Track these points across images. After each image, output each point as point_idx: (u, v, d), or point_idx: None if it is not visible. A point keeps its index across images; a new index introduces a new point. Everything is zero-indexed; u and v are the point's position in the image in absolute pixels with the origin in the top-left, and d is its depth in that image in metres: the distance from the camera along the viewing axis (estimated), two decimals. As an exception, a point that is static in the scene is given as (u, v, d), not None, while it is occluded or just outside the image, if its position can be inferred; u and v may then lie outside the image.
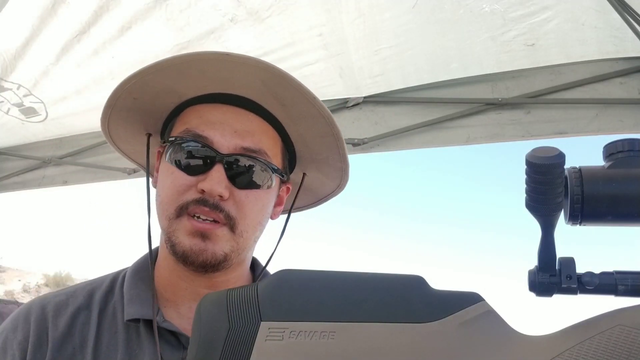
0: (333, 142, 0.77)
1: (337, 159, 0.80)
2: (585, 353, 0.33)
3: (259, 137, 0.73)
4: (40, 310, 0.74)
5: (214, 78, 0.72)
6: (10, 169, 2.69)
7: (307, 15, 1.73)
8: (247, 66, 0.70)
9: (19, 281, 17.77)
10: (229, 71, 0.70)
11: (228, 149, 0.70)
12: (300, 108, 0.73)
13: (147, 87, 0.74)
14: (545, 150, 0.37)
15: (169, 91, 0.75)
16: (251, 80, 0.71)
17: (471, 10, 1.64)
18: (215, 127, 0.71)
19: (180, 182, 0.70)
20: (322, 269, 0.38)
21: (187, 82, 0.73)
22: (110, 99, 0.75)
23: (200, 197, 0.69)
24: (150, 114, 0.79)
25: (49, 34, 1.89)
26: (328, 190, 0.88)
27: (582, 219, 0.39)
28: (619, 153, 0.39)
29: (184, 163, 0.71)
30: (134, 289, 0.76)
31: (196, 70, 0.71)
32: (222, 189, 0.68)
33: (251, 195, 0.72)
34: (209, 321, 0.36)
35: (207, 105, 0.74)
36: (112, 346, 0.71)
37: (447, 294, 0.37)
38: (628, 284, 0.38)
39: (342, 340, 0.34)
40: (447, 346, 0.35)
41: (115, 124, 0.80)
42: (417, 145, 2.01)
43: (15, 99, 2.26)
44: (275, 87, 0.71)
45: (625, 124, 1.72)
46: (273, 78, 0.70)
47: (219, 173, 0.69)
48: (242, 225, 0.71)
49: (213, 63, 0.70)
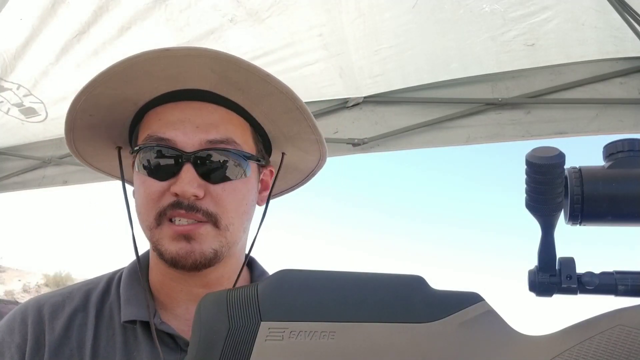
0: (299, 115, 0.74)
1: (309, 132, 0.77)
2: (586, 353, 0.33)
3: (224, 127, 0.71)
4: (37, 313, 0.74)
5: (163, 77, 0.69)
6: (10, 169, 2.69)
7: (307, 15, 1.73)
8: (192, 57, 0.68)
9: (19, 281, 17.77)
10: (176, 67, 0.68)
11: (193, 146, 0.68)
12: (257, 88, 0.70)
13: (99, 101, 0.72)
14: (545, 150, 0.37)
15: (122, 100, 0.72)
16: (200, 71, 0.68)
17: (471, 10, 1.64)
18: (176, 126, 0.69)
19: (152, 189, 0.69)
20: (322, 269, 0.38)
21: (137, 87, 0.70)
22: (67, 121, 0.73)
23: (176, 201, 0.67)
24: (113, 127, 0.77)
25: (48, 34, 1.89)
26: (311, 165, 0.86)
27: (582, 219, 0.39)
28: (619, 153, 0.39)
29: (152, 169, 0.69)
30: (130, 290, 0.75)
31: (142, 73, 0.68)
32: (194, 188, 0.67)
33: (228, 187, 0.70)
34: (209, 321, 0.36)
35: (164, 106, 0.72)
36: (110, 348, 0.71)
37: (447, 294, 0.37)
38: (628, 284, 0.38)
39: (342, 340, 0.34)
40: (447, 346, 0.35)
41: (82, 144, 0.79)
42: (417, 145, 2.01)
43: (15, 99, 2.26)
44: (225, 72, 0.68)
45: (625, 124, 1.72)
46: (221, 64, 0.68)
47: (188, 173, 0.67)
48: (225, 219, 0.70)
49: (156, 62, 0.68)
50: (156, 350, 0.70)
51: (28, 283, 17.63)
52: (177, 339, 0.71)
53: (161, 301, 0.76)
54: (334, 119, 2.12)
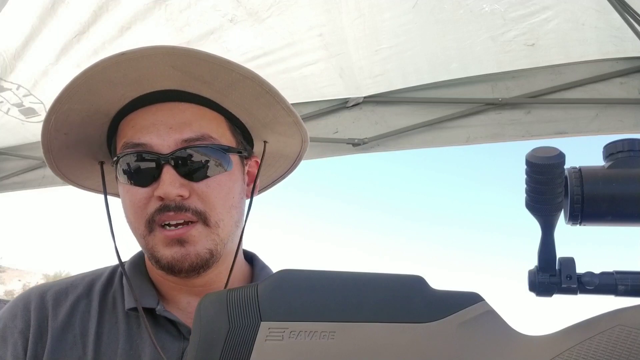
0: (270, 99, 0.72)
1: (284, 114, 0.75)
2: (586, 353, 0.33)
3: (198, 124, 0.70)
4: (40, 299, 0.74)
5: (126, 83, 0.68)
6: (10, 169, 2.69)
7: (307, 15, 1.73)
8: (149, 58, 0.66)
9: (19, 281, 17.78)
10: (135, 70, 0.67)
11: (169, 147, 0.68)
12: (222, 78, 0.69)
13: (69, 118, 0.71)
14: (545, 150, 0.37)
15: (93, 113, 0.71)
16: (162, 70, 0.67)
17: (471, 10, 1.64)
18: (149, 130, 0.68)
19: (137, 197, 0.69)
20: (322, 269, 0.38)
21: (103, 98, 0.69)
22: (43, 143, 0.73)
23: (162, 205, 0.67)
24: (90, 142, 0.76)
25: (48, 34, 1.89)
26: (296, 148, 0.84)
27: (582, 219, 0.39)
28: (619, 153, 0.39)
29: (133, 176, 0.69)
30: (133, 280, 0.75)
31: (104, 82, 0.68)
32: (177, 189, 0.66)
33: (212, 183, 0.69)
34: (209, 321, 0.36)
35: (136, 112, 0.71)
36: (113, 336, 0.71)
37: (447, 294, 0.37)
38: (628, 284, 0.38)
39: (342, 340, 0.34)
40: (447, 346, 0.35)
41: (64, 164, 0.78)
42: (417, 145, 2.01)
43: (15, 99, 2.26)
44: (187, 67, 0.67)
45: (625, 123, 1.72)
46: (180, 59, 0.66)
47: (168, 174, 0.66)
48: (214, 215, 0.69)
49: (115, 68, 0.67)
50: (158, 337, 0.70)
51: (28, 283, 17.63)
52: (179, 326, 0.72)
53: (163, 294, 0.76)
54: (334, 119, 2.12)
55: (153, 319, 0.72)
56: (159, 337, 0.70)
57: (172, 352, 0.70)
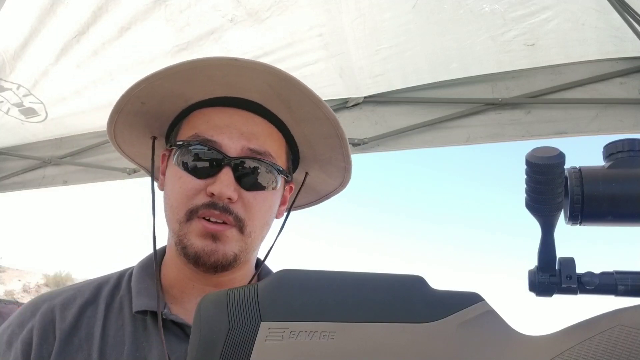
0: (337, 142, 0.78)
1: (341, 159, 0.81)
2: (586, 353, 0.33)
3: (264, 140, 0.74)
4: (48, 305, 0.76)
5: (222, 82, 0.72)
6: (10, 169, 2.69)
7: (307, 15, 1.73)
8: (254, 70, 0.71)
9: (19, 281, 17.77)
10: (236, 75, 0.71)
11: (235, 151, 0.71)
12: (306, 110, 0.74)
13: (155, 92, 0.74)
14: (545, 150, 0.36)
15: (176, 95, 0.75)
16: (258, 84, 0.72)
17: (471, 10, 1.64)
18: (222, 130, 0.72)
19: (189, 185, 0.71)
20: (322, 269, 0.38)
21: (195, 87, 0.73)
22: (119, 103, 0.76)
23: (210, 201, 0.70)
24: (156, 118, 0.79)
25: (48, 34, 1.89)
26: (330, 189, 0.89)
27: (582, 219, 0.39)
28: (619, 153, 0.39)
29: (192, 166, 0.72)
30: (141, 283, 0.77)
31: (204, 75, 0.72)
32: (230, 191, 0.69)
33: (259, 196, 0.73)
34: (209, 321, 0.36)
35: (213, 109, 0.75)
36: (119, 339, 0.72)
37: (447, 294, 0.37)
38: (628, 284, 0.38)
39: (342, 340, 0.34)
40: (447, 346, 0.35)
41: (121, 127, 0.81)
42: (417, 145, 2.01)
43: (15, 99, 2.26)
44: (281, 90, 0.72)
45: (625, 124, 1.72)
46: (280, 82, 0.71)
47: (227, 176, 0.70)
48: (250, 226, 0.72)
49: (221, 68, 0.71)
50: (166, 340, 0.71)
51: (28, 283, 17.64)
52: (186, 328, 0.73)
53: (172, 295, 0.78)
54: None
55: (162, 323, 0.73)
56: (166, 339, 0.72)
57: (179, 354, 0.71)
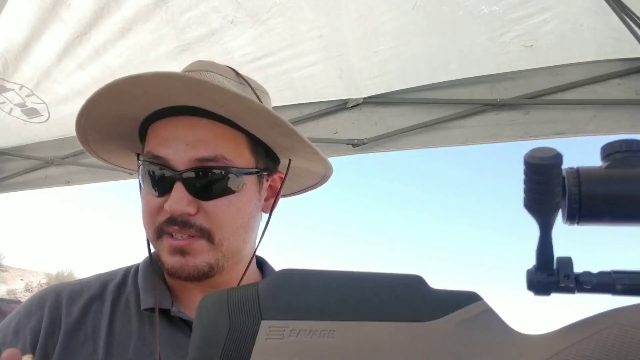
0: (287, 129, 0.74)
1: (303, 145, 0.77)
2: (583, 352, 0.34)
3: (214, 143, 0.71)
4: (55, 297, 0.76)
5: (147, 98, 0.70)
6: (13, 169, 2.69)
7: (307, 16, 1.73)
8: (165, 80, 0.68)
9: (21, 280, 17.75)
10: (154, 87, 0.69)
11: (183, 164, 0.69)
12: (234, 105, 0.70)
13: (101, 119, 0.74)
14: (543, 151, 0.37)
15: (121, 118, 0.75)
16: (178, 91, 0.69)
17: (470, 12, 1.65)
18: (168, 144, 0.70)
19: (151, 204, 0.72)
20: (322, 269, 0.38)
21: (129, 108, 0.72)
22: (79, 137, 0.77)
23: (170, 217, 0.69)
24: (124, 139, 0.79)
25: (50, 35, 1.89)
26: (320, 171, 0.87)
27: (580, 218, 0.39)
28: (617, 153, 0.39)
29: (150, 186, 0.72)
30: (147, 281, 0.78)
31: (126, 95, 0.70)
32: (183, 207, 0.68)
33: (220, 203, 0.70)
34: (209, 320, 0.36)
35: (161, 121, 0.73)
36: (126, 334, 0.73)
37: (445, 294, 0.37)
38: (625, 283, 0.38)
39: (342, 339, 0.35)
40: (445, 345, 0.35)
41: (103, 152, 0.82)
42: (416, 146, 2.02)
43: (18, 99, 2.26)
44: (200, 91, 0.68)
45: (623, 124, 1.72)
46: (193, 83, 0.68)
47: (177, 192, 0.69)
48: (218, 234, 0.71)
49: (135, 84, 0.68)
50: (173, 337, 0.73)
51: (30, 282, 17.61)
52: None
53: (176, 294, 0.78)
54: (334, 119, 2.12)
55: (167, 319, 0.74)
56: (173, 336, 0.73)
57: (186, 350, 0.72)
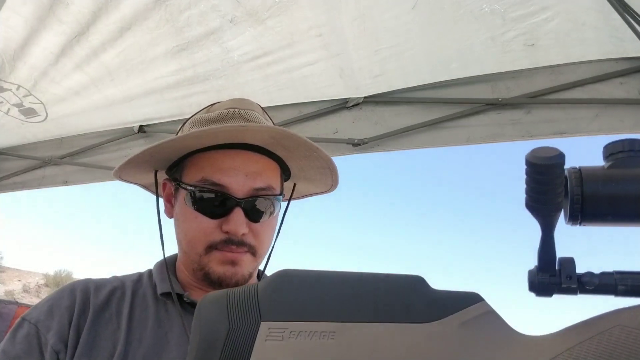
0: (328, 172, 0.91)
1: (329, 180, 0.94)
2: (585, 353, 0.33)
3: (266, 175, 0.85)
4: (84, 285, 0.87)
5: (226, 138, 0.82)
6: (10, 169, 2.69)
7: (307, 15, 1.73)
8: (257, 131, 0.81)
9: (19, 281, 17.77)
10: (241, 132, 0.81)
11: (243, 192, 0.82)
12: (302, 151, 0.85)
13: (166, 149, 0.84)
14: (545, 151, 0.36)
15: (183, 147, 0.85)
16: (261, 137, 0.82)
17: (471, 11, 1.64)
18: (228, 173, 0.82)
19: (205, 225, 0.82)
20: (322, 269, 0.38)
21: (203, 141, 0.83)
22: (132, 159, 0.86)
23: (227, 237, 0.81)
24: (161, 158, 0.89)
25: (48, 35, 1.89)
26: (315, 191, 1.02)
27: (582, 219, 0.39)
28: (619, 153, 0.39)
29: (206, 209, 0.82)
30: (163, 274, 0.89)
31: (212, 136, 0.81)
32: (243, 228, 0.81)
33: (265, 225, 0.85)
34: (209, 321, 0.36)
35: (217, 152, 0.83)
36: (144, 316, 0.84)
37: (447, 294, 0.36)
38: (628, 284, 0.37)
39: (342, 340, 0.34)
40: (447, 346, 0.35)
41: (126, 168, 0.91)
42: (417, 145, 2.01)
43: (15, 99, 2.26)
44: (282, 140, 0.83)
45: (625, 124, 1.72)
46: (280, 133, 0.81)
47: (238, 215, 0.81)
48: (260, 249, 0.85)
49: (225, 130, 0.79)
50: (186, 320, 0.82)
51: (28, 283, 17.63)
52: None
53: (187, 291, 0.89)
54: (334, 119, 2.12)
55: (181, 305, 0.84)
56: (186, 319, 0.83)
57: None
